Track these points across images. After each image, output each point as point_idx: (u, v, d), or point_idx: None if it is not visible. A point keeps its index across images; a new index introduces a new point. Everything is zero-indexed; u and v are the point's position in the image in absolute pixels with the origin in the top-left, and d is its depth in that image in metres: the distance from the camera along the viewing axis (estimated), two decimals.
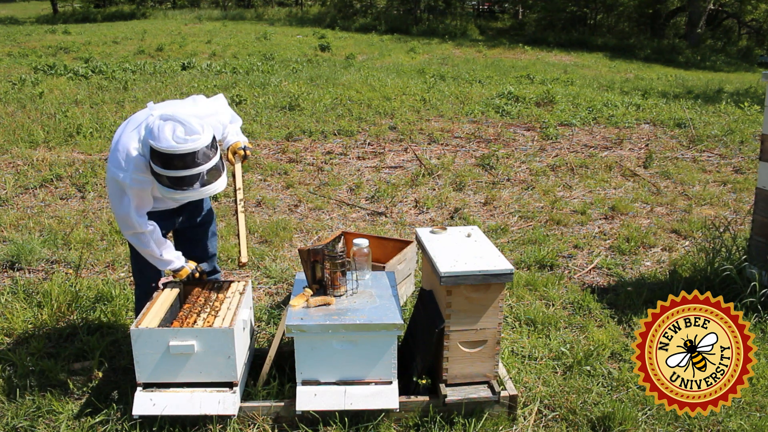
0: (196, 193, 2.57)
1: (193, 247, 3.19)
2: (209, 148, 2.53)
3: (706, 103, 9.98)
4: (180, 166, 2.47)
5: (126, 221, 2.69)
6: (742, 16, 24.51)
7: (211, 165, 2.54)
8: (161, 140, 2.45)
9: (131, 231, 2.73)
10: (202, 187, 2.55)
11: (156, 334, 2.60)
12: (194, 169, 2.49)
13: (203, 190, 2.57)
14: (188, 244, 3.19)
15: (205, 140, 2.51)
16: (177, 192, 2.54)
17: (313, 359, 2.65)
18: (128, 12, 27.99)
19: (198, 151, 2.48)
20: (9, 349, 3.31)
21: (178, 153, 2.45)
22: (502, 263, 2.65)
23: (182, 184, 2.51)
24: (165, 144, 2.45)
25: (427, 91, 9.71)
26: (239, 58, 14.63)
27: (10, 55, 14.79)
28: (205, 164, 2.52)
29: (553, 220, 5.39)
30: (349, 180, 6.31)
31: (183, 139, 2.46)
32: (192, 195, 2.58)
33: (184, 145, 2.45)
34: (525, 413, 2.84)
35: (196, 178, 2.51)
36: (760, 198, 3.86)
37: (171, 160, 2.46)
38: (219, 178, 2.61)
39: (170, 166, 2.47)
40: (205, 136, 2.51)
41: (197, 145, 2.48)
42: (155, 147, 2.47)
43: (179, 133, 2.46)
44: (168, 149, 2.45)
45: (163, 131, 2.46)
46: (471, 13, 29.39)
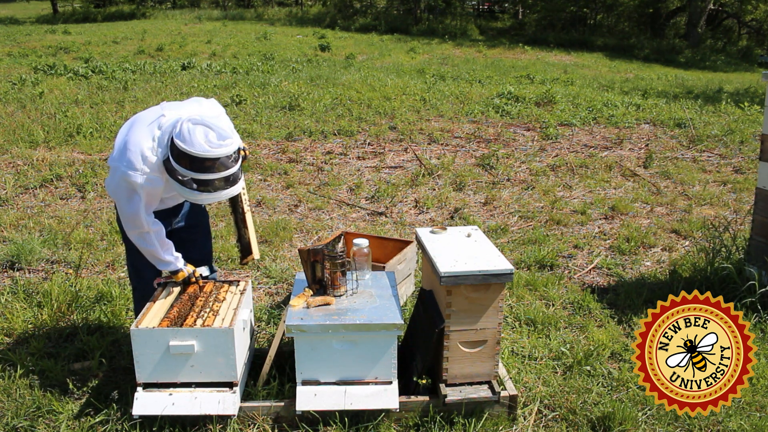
0: (218, 195, 2.60)
1: (189, 247, 3.17)
2: (237, 152, 2.59)
3: (706, 103, 9.98)
4: (211, 169, 2.50)
5: (134, 220, 2.70)
6: (742, 16, 24.52)
7: (237, 168, 2.59)
8: (195, 144, 2.48)
9: (137, 230, 2.73)
10: (225, 189, 2.59)
11: (156, 334, 2.60)
12: (224, 173, 2.53)
13: (225, 193, 2.60)
14: (183, 244, 3.18)
15: (236, 144, 2.57)
16: (201, 194, 2.57)
17: (313, 359, 2.65)
18: (128, 12, 27.99)
19: (230, 155, 2.54)
20: (9, 349, 3.31)
21: (211, 157, 2.49)
22: (502, 263, 2.65)
23: (209, 186, 2.54)
24: (199, 148, 2.47)
25: (427, 91, 9.71)
26: (239, 58, 14.63)
27: (10, 55, 14.79)
28: (233, 168, 2.56)
29: (553, 220, 5.39)
30: (349, 180, 6.31)
31: (217, 143, 2.50)
32: (213, 197, 2.60)
33: (218, 149, 2.49)
34: (525, 413, 2.84)
35: (224, 180, 2.56)
36: (760, 198, 3.86)
37: (203, 163, 2.49)
38: (240, 181, 2.66)
39: (201, 170, 2.50)
40: (236, 140, 2.58)
41: (230, 149, 2.53)
42: (187, 150, 2.48)
43: (212, 137, 2.50)
44: (202, 153, 2.48)
45: (195, 135, 2.49)
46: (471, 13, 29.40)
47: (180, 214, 3.07)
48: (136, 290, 3.12)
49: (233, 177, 2.59)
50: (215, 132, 2.51)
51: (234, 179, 2.60)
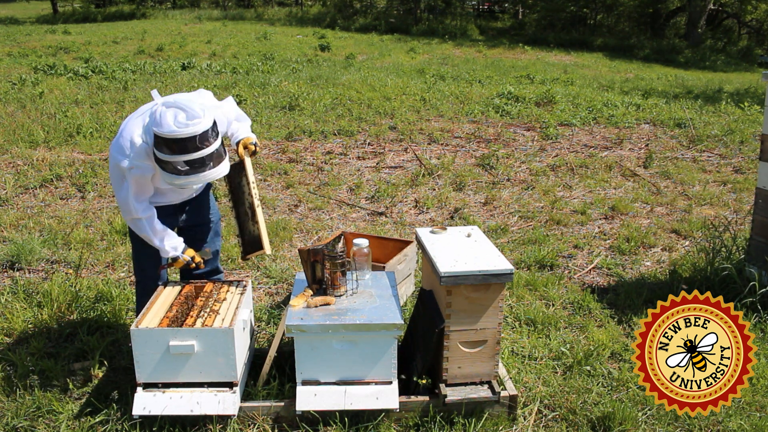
0: (199, 178, 2.59)
1: (196, 246, 3.20)
2: (210, 133, 2.56)
3: (706, 103, 9.98)
4: (182, 150, 2.51)
5: (125, 206, 2.75)
6: (742, 16, 24.51)
7: (212, 150, 2.57)
8: (163, 125, 2.50)
9: (130, 216, 2.78)
10: (204, 171, 2.58)
11: (156, 334, 2.61)
12: (195, 154, 2.52)
13: (205, 175, 2.59)
14: (191, 243, 3.20)
15: (205, 124, 2.54)
16: (180, 178, 2.57)
17: (313, 359, 2.65)
18: (128, 12, 27.99)
19: (198, 135, 2.51)
20: (9, 349, 3.31)
21: (179, 137, 2.49)
22: (502, 263, 2.65)
23: (185, 168, 2.54)
24: (167, 129, 2.49)
25: (427, 91, 9.71)
26: (239, 58, 14.63)
27: (10, 55, 14.79)
28: (206, 149, 2.55)
29: (553, 220, 5.39)
30: (349, 180, 6.31)
31: (184, 123, 2.50)
32: (194, 180, 2.59)
33: (185, 129, 2.49)
34: (525, 413, 2.84)
35: (198, 162, 2.54)
36: (760, 198, 3.86)
37: (173, 145, 2.50)
38: (221, 164, 2.64)
39: (172, 151, 2.51)
40: (205, 120, 2.54)
41: (198, 129, 2.51)
42: (158, 132, 2.51)
43: (181, 118, 2.50)
44: (170, 134, 2.49)
45: (165, 117, 2.50)
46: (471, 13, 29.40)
47: (187, 211, 3.09)
48: (139, 284, 3.14)
49: (210, 158, 2.56)
50: (185, 113, 2.51)
51: (213, 162, 2.58)
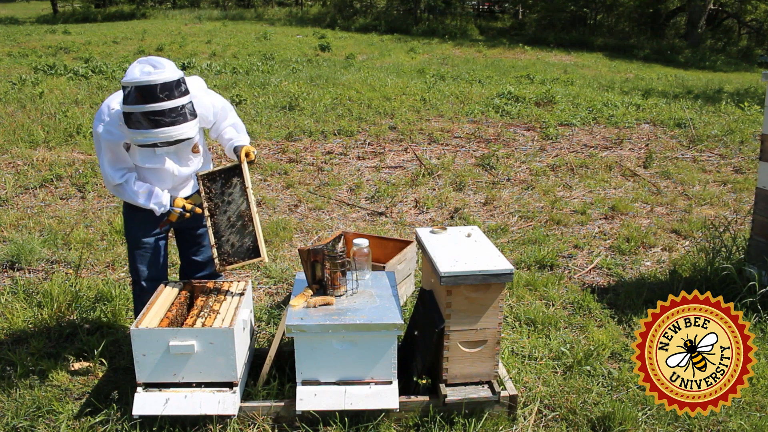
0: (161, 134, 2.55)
1: (191, 246, 3.20)
2: (174, 86, 2.55)
3: (706, 103, 9.98)
4: (143, 99, 2.51)
5: (104, 174, 2.80)
6: (742, 16, 24.51)
7: (175, 104, 2.56)
8: (128, 75, 2.54)
9: (110, 184, 2.81)
10: (166, 127, 2.54)
11: (156, 334, 2.61)
12: (156, 104, 2.51)
13: (166, 131, 2.55)
14: (188, 245, 3.20)
15: (168, 75, 2.54)
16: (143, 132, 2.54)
17: (313, 359, 2.65)
18: (128, 12, 27.98)
19: (160, 84, 2.51)
20: (9, 349, 3.31)
21: (141, 84, 2.50)
22: (502, 263, 2.65)
23: (145, 121, 2.52)
24: (130, 77, 2.53)
25: (427, 91, 9.71)
26: (239, 58, 14.62)
27: (10, 55, 14.79)
28: (168, 101, 2.54)
29: (553, 220, 5.39)
30: (349, 180, 6.31)
31: (148, 72, 2.53)
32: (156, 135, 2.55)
33: (148, 76, 2.51)
34: (525, 413, 2.84)
35: (159, 114, 2.52)
36: (760, 198, 3.86)
37: (136, 94, 2.51)
38: (186, 122, 2.61)
39: (134, 100, 2.52)
40: (169, 72, 2.55)
41: (161, 77, 2.51)
42: (124, 82, 2.55)
43: (146, 69, 2.54)
44: (132, 81, 2.52)
45: (132, 68, 2.55)
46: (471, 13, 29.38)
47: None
48: (135, 285, 3.13)
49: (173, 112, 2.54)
50: (151, 64, 2.55)
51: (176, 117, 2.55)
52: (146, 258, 3.02)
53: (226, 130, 3.03)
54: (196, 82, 2.87)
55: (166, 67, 2.56)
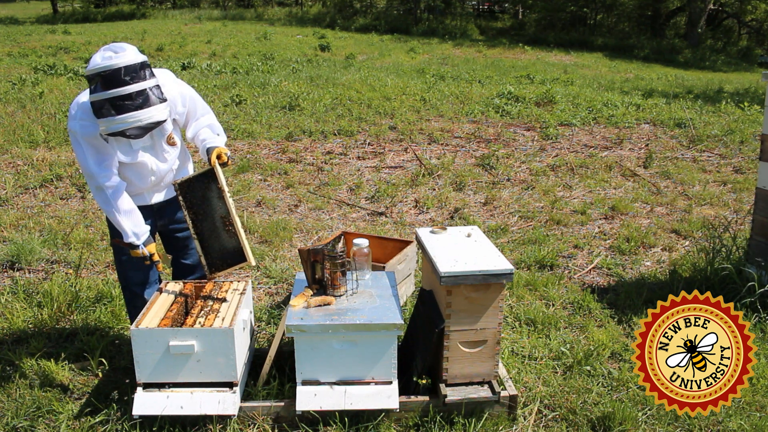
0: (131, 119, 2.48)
1: (179, 250, 3.17)
2: (138, 69, 2.50)
3: (706, 103, 9.98)
4: (107, 84, 2.46)
5: (86, 172, 2.70)
6: (742, 16, 24.51)
7: (141, 87, 2.50)
8: (90, 63, 2.49)
9: (93, 184, 2.70)
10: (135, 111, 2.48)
11: (156, 334, 2.61)
12: (121, 88, 2.45)
13: (136, 115, 2.48)
14: (174, 248, 3.17)
15: (130, 58, 2.49)
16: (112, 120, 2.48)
17: (313, 359, 2.65)
18: (128, 12, 27.99)
19: (123, 67, 2.46)
20: (9, 349, 3.31)
21: (104, 70, 2.45)
22: (502, 263, 2.65)
23: (111, 107, 2.47)
24: (92, 65, 2.48)
25: (427, 91, 9.71)
26: (239, 58, 14.62)
27: (10, 55, 14.79)
28: (133, 84, 2.48)
29: (553, 220, 5.39)
30: (349, 180, 6.31)
31: (108, 56, 2.47)
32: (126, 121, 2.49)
33: (109, 61, 2.45)
34: (525, 413, 2.84)
35: (126, 98, 2.46)
36: (760, 198, 3.86)
37: (99, 80, 2.47)
38: (155, 106, 2.55)
39: (98, 88, 2.47)
40: (130, 54, 2.50)
41: (122, 60, 2.46)
42: (87, 71, 2.50)
43: (108, 53, 2.49)
44: (94, 68, 2.47)
45: (94, 57, 2.51)
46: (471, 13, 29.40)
47: (166, 215, 3.04)
48: (126, 290, 3.09)
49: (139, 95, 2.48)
50: (111, 49, 2.50)
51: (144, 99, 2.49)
52: (133, 263, 2.95)
53: (201, 131, 2.94)
54: (164, 73, 2.80)
55: (127, 50, 2.50)
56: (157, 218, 3.01)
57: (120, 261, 3.00)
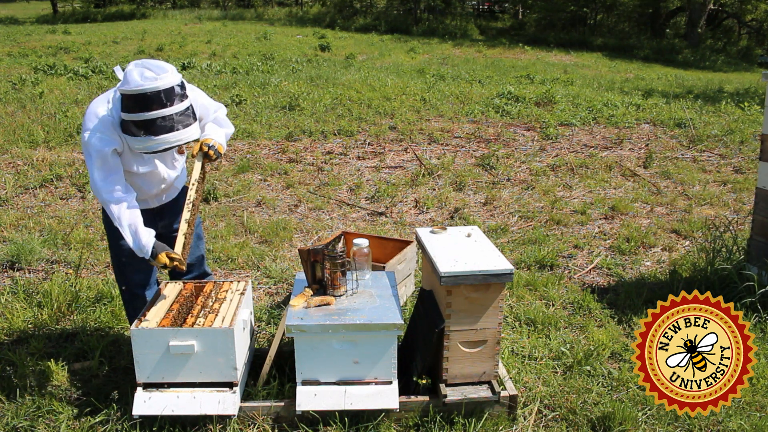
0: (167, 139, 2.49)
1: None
2: (177, 91, 2.50)
3: (706, 103, 9.98)
4: (148, 106, 2.44)
5: (92, 186, 2.64)
6: (742, 16, 24.51)
7: (180, 109, 2.50)
8: (130, 82, 2.44)
9: (99, 197, 2.65)
10: (172, 132, 2.49)
11: (156, 334, 2.61)
12: (162, 110, 2.45)
13: (173, 136, 2.50)
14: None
15: (172, 79, 2.48)
16: (148, 139, 2.48)
17: (313, 359, 2.65)
18: (128, 12, 27.98)
19: (164, 90, 2.45)
20: (9, 349, 3.31)
21: (146, 91, 2.43)
22: (502, 263, 2.65)
23: (151, 128, 2.46)
24: (133, 84, 2.43)
25: (427, 91, 9.71)
26: (239, 58, 14.62)
27: (10, 55, 14.79)
28: (173, 106, 2.48)
29: (553, 220, 5.39)
30: (349, 180, 6.31)
31: (151, 77, 2.44)
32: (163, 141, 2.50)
33: (152, 83, 2.43)
34: (525, 413, 2.84)
35: (166, 120, 2.47)
36: (760, 198, 3.86)
37: (139, 101, 2.44)
38: (190, 126, 2.56)
39: (138, 108, 2.45)
40: (172, 75, 2.49)
41: (165, 82, 2.45)
42: (124, 90, 2.45)
43: (147, 74, 2.46)
44: (136, 88, 2.43)
45: (131, 74, 2.46)
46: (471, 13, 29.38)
47: (166, 217, 3.03)
48: (124, 292, 3.07)
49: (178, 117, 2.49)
50: (151, 69, 2.47)
51: (180, 122, 2.50)
52: (133, 266, 2.93)
53: (206, 126, 2.95)
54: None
55: (168, 71, 2.49)
56: (158, 219, 3.01)
57: (120, 263, 2.98)
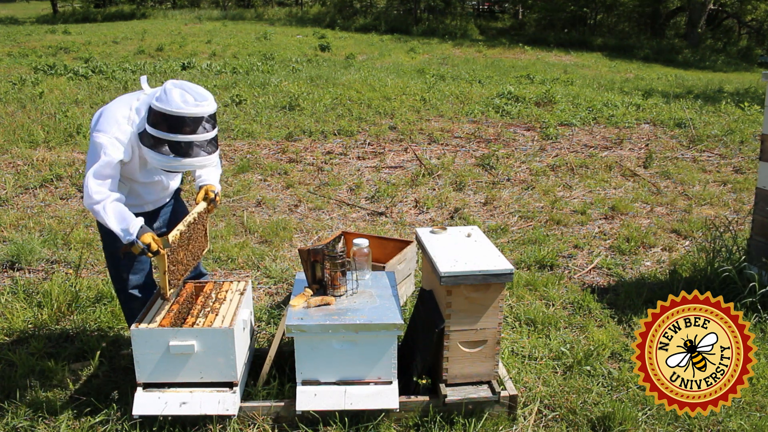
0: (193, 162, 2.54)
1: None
2: (213, 119, 2.56)
3: (706, 103, 9.98)
4: (183, 130, 2.47)
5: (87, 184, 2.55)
6: (742, 16, 24.51)
7: (211, 136, 2.56)
8: (171, 102, 2.45)
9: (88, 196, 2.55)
10: (200, 156, 2.54)
11: (156, 334, 2.60)
12: (196, 136, 2.49)
13: (200, 160, 2.55)
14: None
15: (212, 106, 2.54)
16: (175, 160, 2.51)
17: (313, 359, 2.65)
18: (128, 12, 27.99)
19: (203, 116, 2.50)
20: (9, 349, 3.31)
21: (185, 116, 2.46)
22: (502, 263, 2.65)
23: (186, 150, 2.50)
24: (173, 106, 2.45)
25: (427, 91, 9.71)
26: (239, 58, 14.62)
27: (10, 55, 14.79)
28: (208, 132, 2.54)
29: (553, 220, 5.39)
30: (349, 180, 6.31)
31: (193, 103, 2.48)
32: (187, 164, 2.54)
33: (193, 108, 2.47)
34: (525, 413, 2.84)
35: (199, 145, 2.52)
36: (760, 198, 3.86)
37: (175, 123, 2.46)
38: (215, 152, 2.61)
39: (172, 129, 2.47)
40: (212, 103, 2.54)
41: (207, 109, 2.50)
42: (163, 109, 2.46)
43: (188, 98, 2.48)
44: (176, 111, 2.45)
45: (172, 95, 2.47)
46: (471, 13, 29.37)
47: (161, 218, 3.03)
48: (120, 293, 3.05)
49: (208, 143, 2.54)
50: (191, 94, 2.50)
51: (209, 148, 2.55)
52: (129, 266, 2.93)
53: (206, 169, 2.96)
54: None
55: (208, 98, 2.54)
56: (152, 221, 3.00)
57: (116, 265, 2.96)
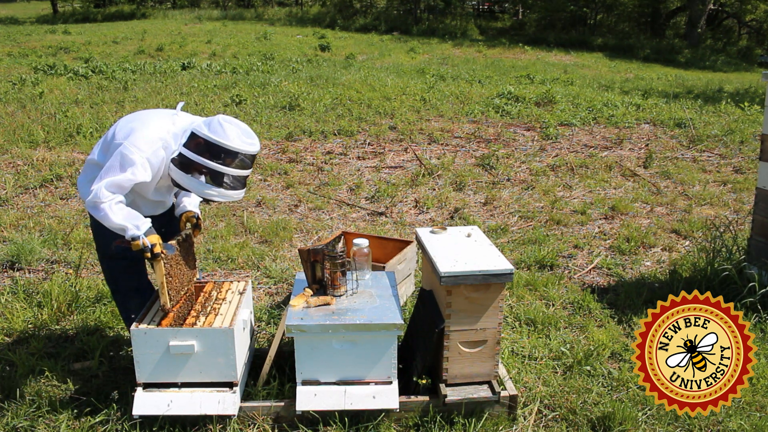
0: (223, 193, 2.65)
1: None
2: (254, 159, 2.71)
3: (706, 103, 9.98)
4: (230, 162, 2.60)
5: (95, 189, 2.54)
6: (742, 16, 24.52)
7: (248, 173, 2.70)
8: (230, 138, 2.57)
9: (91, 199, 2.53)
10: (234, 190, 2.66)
11: (156, 334, 2.61)
12: (239, 171, 2.63)
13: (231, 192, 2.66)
14: None
15: (258, 147, 2.68)
16: (206, 186, 2.61)
17: (313, 359, 2.65)
18: (128, 12, 28.00)
19: (251, 155, 2.64)
20: (9, 349, 3.31)
21: (238, 152, 2.58)
22: (502, 263, 2.65)
23: (221, 180, 2.61)
24: (228, 141, 2.56)
25: (427, 91, 9.71)
26: (239, 58, 14.62)
27: (10, 55, 14.79)
28: (247, 170, 2.67)
29: (553, 220, 5.39)
30: (349, 180, 6.31)
31: (250, 142, 2.62)
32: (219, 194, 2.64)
33: (249, 146, 2.61)
34: (525, 413, 2.84)
35: (235, 179, 2.64)
36: (760, 198, 3.86)
37: (222, 155, 2.57)
38: (243, 190, 2.73)
39: (220, 160, 2.58)
40: (258, 144, 2.69)
41: (254, 150, 2.64)
42: (220, 141, 2.56)
43: (243, 136, 2.61)
44: (231, 146, 2.57)
45: (226, 130, 2.58)
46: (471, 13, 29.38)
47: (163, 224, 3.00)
48: (116, 294, 3.05)
49: (242, 180, 2.67)
50: (243, 132, 2.63)
51: (241, 184, 2.68)
52: (124, 267, 2.91)
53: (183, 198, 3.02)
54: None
55: (256, 138, 2.67)
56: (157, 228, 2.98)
57: (110, 267, 2.94)
